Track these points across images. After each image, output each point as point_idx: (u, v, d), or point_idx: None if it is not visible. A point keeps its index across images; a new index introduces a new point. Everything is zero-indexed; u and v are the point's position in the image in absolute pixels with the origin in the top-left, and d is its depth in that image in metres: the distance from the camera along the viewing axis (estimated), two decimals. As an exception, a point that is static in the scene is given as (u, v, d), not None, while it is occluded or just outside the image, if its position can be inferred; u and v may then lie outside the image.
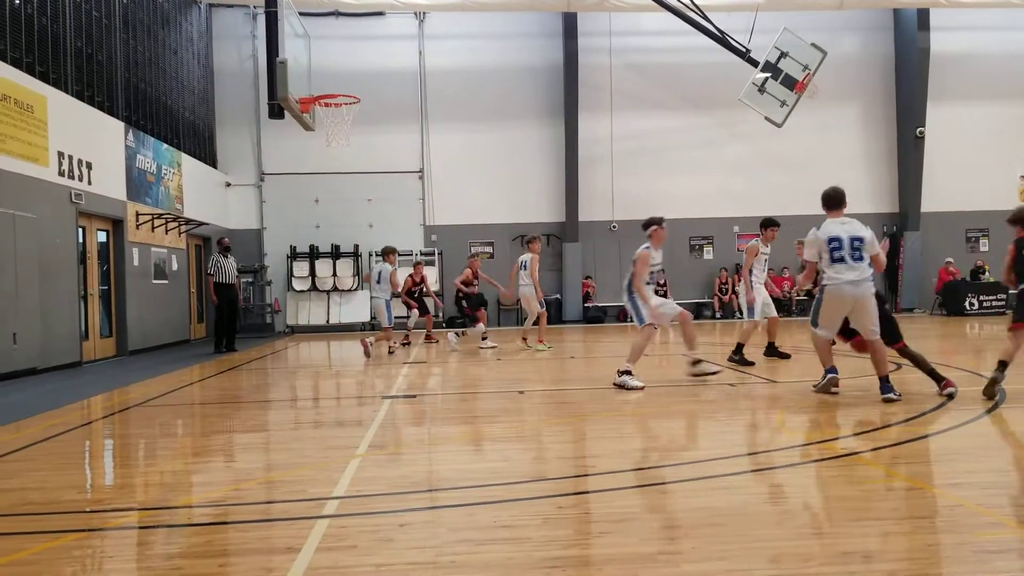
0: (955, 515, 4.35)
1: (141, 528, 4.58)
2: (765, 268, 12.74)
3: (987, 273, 23.75)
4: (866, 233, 8.24)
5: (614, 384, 9.41)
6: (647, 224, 9.92)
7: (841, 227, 8.31)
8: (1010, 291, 8.43)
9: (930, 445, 6.20)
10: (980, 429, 6.61)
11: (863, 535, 4.01)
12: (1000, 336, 9.52)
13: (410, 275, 17.86)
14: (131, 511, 4.89)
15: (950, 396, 7.92)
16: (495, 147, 23.91)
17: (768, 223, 12.97)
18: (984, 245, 25.00)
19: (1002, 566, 3.62)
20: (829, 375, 8.30)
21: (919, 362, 8.32)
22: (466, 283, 16.40)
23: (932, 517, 4.36)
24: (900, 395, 7.90)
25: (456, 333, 16.86)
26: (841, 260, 8.06)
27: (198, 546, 4.17)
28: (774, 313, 12.46)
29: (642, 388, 9.17)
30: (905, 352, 8.40)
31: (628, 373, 9.37)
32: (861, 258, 8.05)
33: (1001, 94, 24.33)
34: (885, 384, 7.90)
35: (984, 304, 22.48)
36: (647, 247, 9.72)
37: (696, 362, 9.95)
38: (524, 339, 15.91)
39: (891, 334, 8.29)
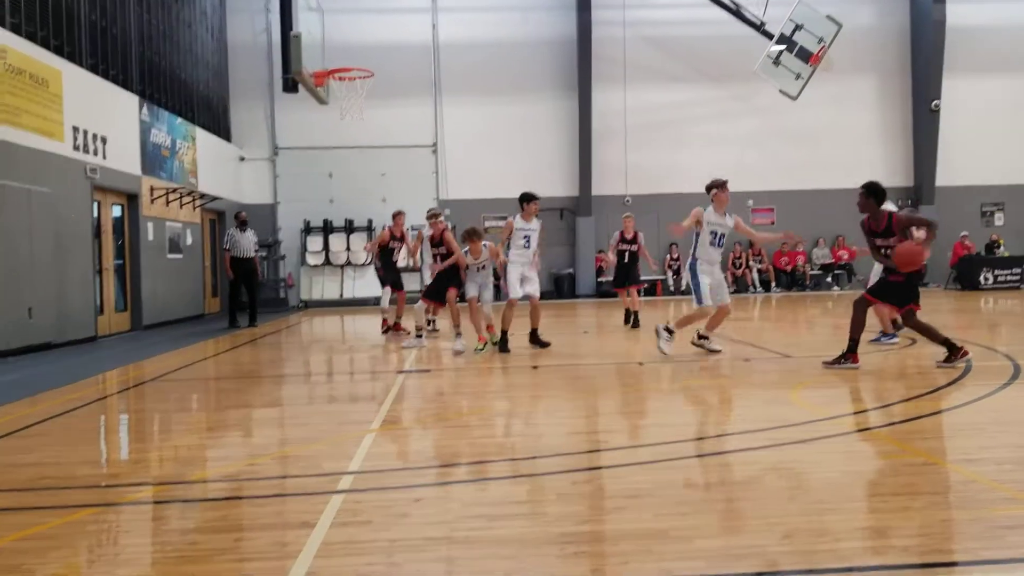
0: (969, 491, 4.35)
1: (156, 503, 4.63)
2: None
3: (1002, 247, 23.56)
4: None
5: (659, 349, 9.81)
6: (709, 187, 9.90)
7: None
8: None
9: (944, 420, 6.19)
10: (994, 404, 6.58)
11: (877, 511, 4.02)
12: (1015, 311, 9.46)
13: (388, 227, 14.60)
14: (146, 486, 4.94)
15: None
16: (508, 121, 23.80)
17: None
18: (999, 219, 24.79)
19: (1016, 541, 3.61)
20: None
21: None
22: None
23: (946, 493, 4.36)
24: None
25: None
26: None
27: (213, 521, 4.20)
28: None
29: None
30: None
31: (669, 331, 9.87)
32: None
33: (1017, 67, 24.01)
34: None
35: (999, 278, 22.33)
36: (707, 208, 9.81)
37: (704, 337, 10.04)
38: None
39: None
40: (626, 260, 14.15)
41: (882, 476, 4.70)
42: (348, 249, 23.06)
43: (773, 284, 24.12)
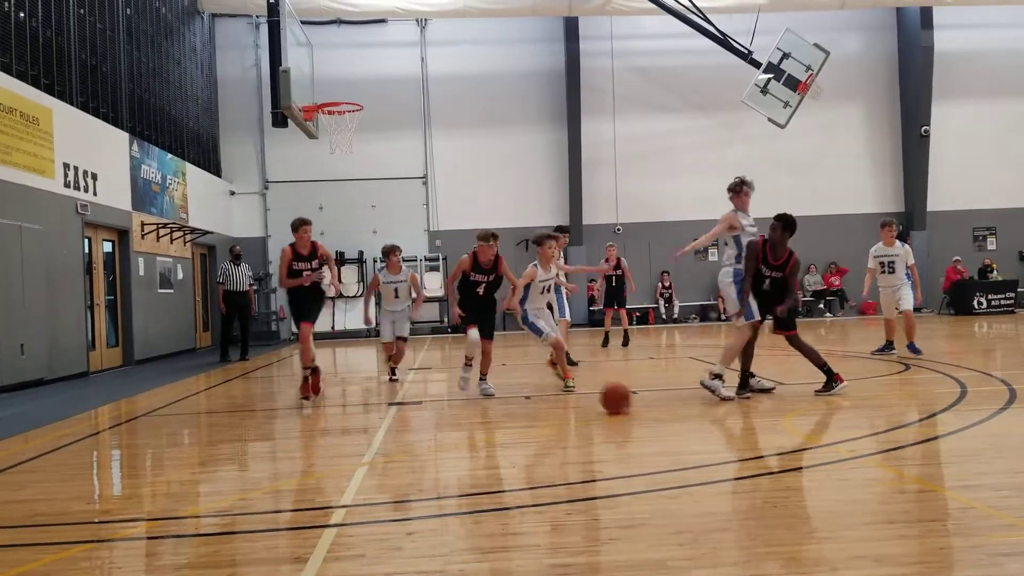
0: (967, 517, 4.32)
1: (149, 539, 4.57)
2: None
3: (995, 272, 23.66)
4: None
5: (702, 384, 8.68)
6: (736, 186, 9.93)
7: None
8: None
9: (940, 446, 6.17)
10: (991, 429, 6.57)
11: (875, 538, 3.98)
12: (1010, 335, 9.47)
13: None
14: (139, 521, 4.89)
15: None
16: (498, 151, 23.91)
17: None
18: (992, 244, 24.90)
19: (1015, 569, 3.59)
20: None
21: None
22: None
23: (944, 520, 4.33)
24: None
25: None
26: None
27: (206, 556, 4.15)
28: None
29: (732, 398, 8.47)
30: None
31: (719, 377, 8.59)
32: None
33: (1006, 91, 24.24)
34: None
35: (992, 303, 22.38)
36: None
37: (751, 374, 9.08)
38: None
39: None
40: (613, 284, 15.75)
41: (879, 503, 4.67)
42: (340, 281, 23.04)
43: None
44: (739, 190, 9.35)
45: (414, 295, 11.48)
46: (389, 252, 11.49)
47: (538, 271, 9.66)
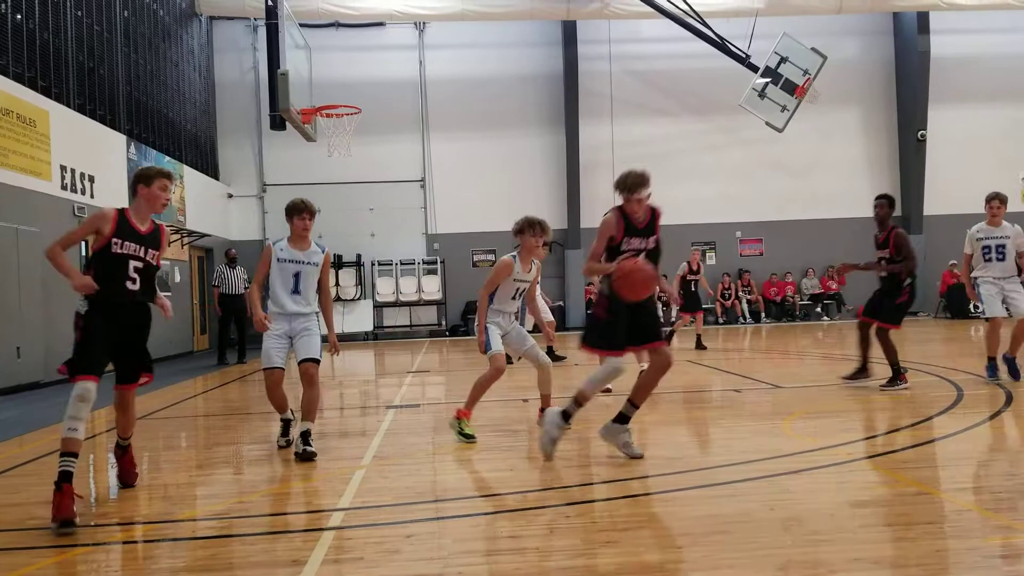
0: (964, 520, 4.33)
1: (146, 542, 4.57)
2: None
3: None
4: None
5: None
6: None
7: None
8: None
9: (937, 449, 6.18)
10: (987, 432, 6.58)
11: (872, 541, 3.99)
12: (1005, 339, 9.51)
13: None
14: (136, 525, 4.88)
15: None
16: (496, 155, 23.92)
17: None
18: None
19: (1012, 571, 3.60)
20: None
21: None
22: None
23: (941, 523, 4.34)
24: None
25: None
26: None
27: (203, 559, 4.15)
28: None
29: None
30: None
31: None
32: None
33: (1002, 96, 24.29)
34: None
35: (988, 307, 22.38)
36: None
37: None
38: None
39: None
40: (693, 289, 15.46)
41: (876, 506, 4.67)
42: (337, 284, 23.02)
43: (763, 315, 24.17)
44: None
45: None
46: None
47: (515, 264, 7.55)
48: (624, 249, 6.11)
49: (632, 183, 6.38)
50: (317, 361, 6.57)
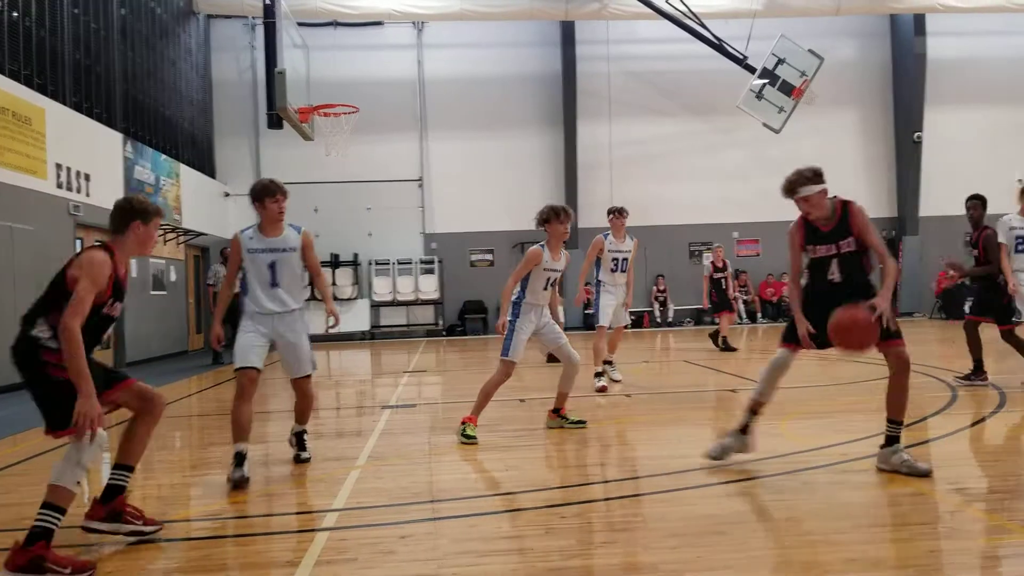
0: (958, 521, 4.33)
1: (139, 542, 4.55)
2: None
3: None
4: None
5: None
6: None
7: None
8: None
9: (932, 450, 6.18)
10: (981, 433, 6.58)
11: (867, 542, 3.99)
12: (998, 340, 9.54)
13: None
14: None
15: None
16: (494, 155, 23.91)
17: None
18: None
19: (1006, 572, 3.60)
20: None
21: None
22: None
23: (935, 523, 4.34)
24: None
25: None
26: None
27: (196, 560, 4.14)
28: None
29: None
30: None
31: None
32: None
33: (998, 99, 24.32)
34: None
35: (984, 308, 22.42)
36: None
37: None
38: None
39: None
40: (724, 286, 15.24)
41: (870, 507, 4.67)
42: (334, 284, 23.00)
43: (759, 315, 24.18)
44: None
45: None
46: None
47: (545, 254, 7.18)
48: (813, 258, 5.49)
49: (788, 184, 5.65)
50: (310, 375, 6.12)
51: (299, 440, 6.33)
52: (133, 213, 4.57)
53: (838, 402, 8.47)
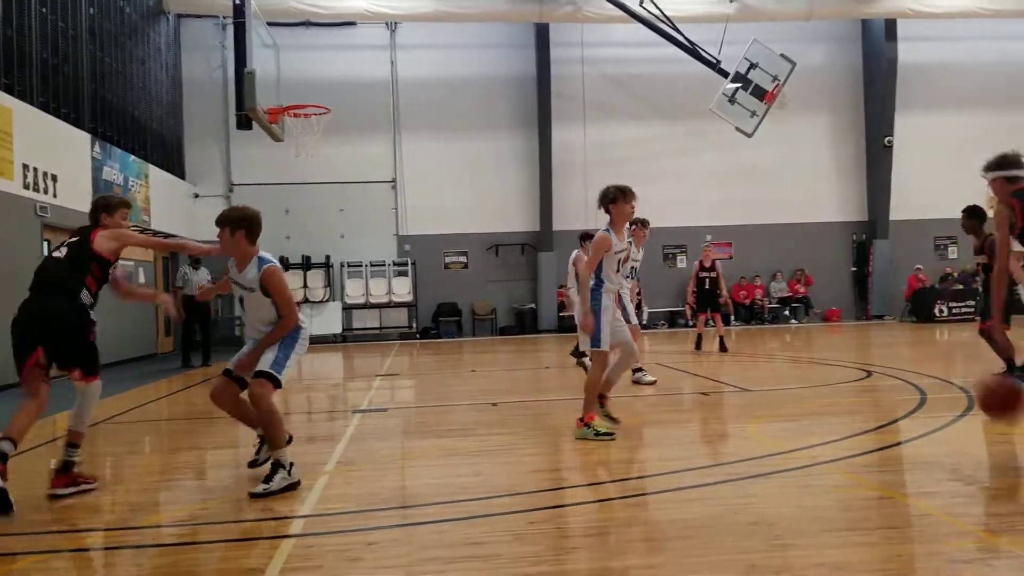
0: (925, 524, 4.36)
1: (106, 549, 4.49)
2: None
3: (956, 280, 23.99)
4: None
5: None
6: None
7: None
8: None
9: (899, 453, 6.23)
10: (949, 436, 6.64)
11: (834, 545, 4.00)
12: (969, 343, 9.61)
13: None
14: (95, 531, 4.79)
15: None
16: (468, 157, 23.86)
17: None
18: (953, 252, 25.26)
19: (969, 575, 3.62)
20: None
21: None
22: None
23: (902, 527, 4.37)
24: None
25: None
26: None
27: (162, 567, 4.09)
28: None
29: None
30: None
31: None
32: None
33: (968, 103, 24.61)
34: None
35: (953, 311, 22.71)
36: None
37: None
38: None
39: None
40: (707, 287, 15.06)
41: (839, 510, 4.69)
42: (305, 286, 22.84)
43: (732, 317, 24.30)
44: None
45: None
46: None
47: (611, 237, 6.87)
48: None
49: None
50: (262, 376, 5.41)
51: (261, 446, 6.01)
52: (110, 206, 6.23)
53: (809, 405, 8.52)
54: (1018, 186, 5.54)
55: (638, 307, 12.97)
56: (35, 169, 13.92)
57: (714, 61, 20.12)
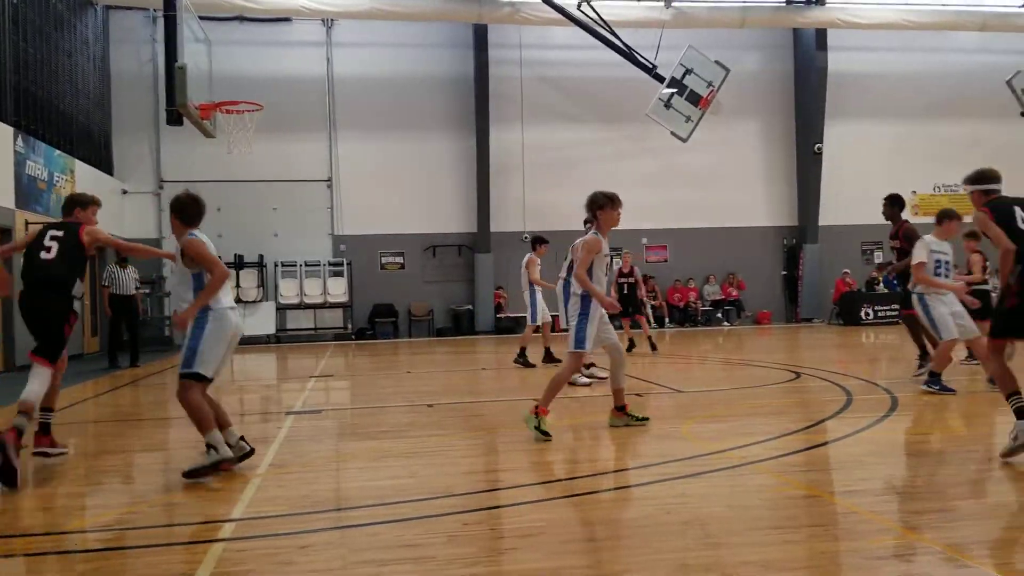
0: (849, 522, 4.48)
1: (27, 555, 4.35)
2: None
3: (881, 284, 24.68)
4: None
5: None
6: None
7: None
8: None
9: (826, 453, 6.39)
10: (873, 436, 6.84)
11: (762, 543, 4.09)
12: (894, 345, 9.92)
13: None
14: (16, 538, 4.64)
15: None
16: (405, 157, 23.71)
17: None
18: (879, 257, 25.95)
19: (891, 571, 3.74)
20: None
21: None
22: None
23: (828, 525, 4.48)
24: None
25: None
26: None
27: (86, 574, 3.98)
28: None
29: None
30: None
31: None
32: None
33: (895, 113, 25.33)
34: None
35: (879, 314, 23.36)
36: None
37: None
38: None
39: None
40: (625, 291, 15.52)
41: (767, 509, 4.80)
42: (238, 286, 22.43)
43: (666, 320, 24.64)
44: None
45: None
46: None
47: (603, 242, 7.14)
48: None
49: None
50: (183, 375, 5.88)
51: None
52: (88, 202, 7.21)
53: (740, 405, 8.68)
54: (990, 197, 6.12)
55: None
56: (-46, 162, 13.42)
57: (650, 66, 20.38)
